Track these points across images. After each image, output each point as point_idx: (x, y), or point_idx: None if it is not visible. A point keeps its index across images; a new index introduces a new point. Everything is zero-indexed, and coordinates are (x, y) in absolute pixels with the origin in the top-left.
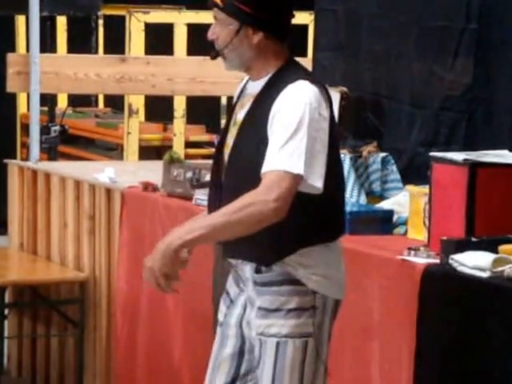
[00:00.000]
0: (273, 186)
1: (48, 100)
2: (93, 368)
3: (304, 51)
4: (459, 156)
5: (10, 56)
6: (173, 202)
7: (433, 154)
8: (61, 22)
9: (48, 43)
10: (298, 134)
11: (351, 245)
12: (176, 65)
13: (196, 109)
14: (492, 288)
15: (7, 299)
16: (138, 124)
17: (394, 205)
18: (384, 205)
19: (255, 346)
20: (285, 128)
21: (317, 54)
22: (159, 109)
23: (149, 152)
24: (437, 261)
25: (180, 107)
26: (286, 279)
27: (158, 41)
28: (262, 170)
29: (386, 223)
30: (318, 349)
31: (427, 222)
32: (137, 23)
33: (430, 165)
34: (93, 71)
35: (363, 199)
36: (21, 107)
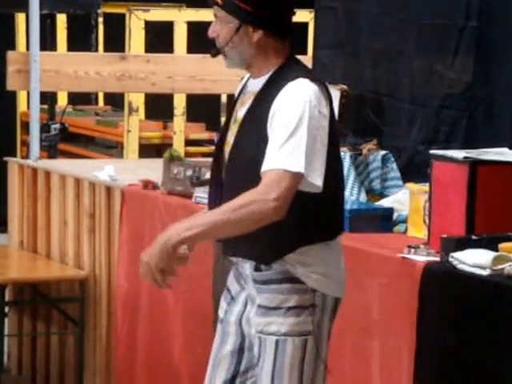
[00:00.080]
0: (273, 185)
1: (48, 98)
2: (93, 366)
3: (304, 49)
4: (459, 154)
5: (10, 54)
6: (173, 200)
7: (433, 152)
8: (61, 20)
9: (48, 41)
10: (298, 133)
11: (351, 243)
12: (176, 63)
13: (196, 107)
14: (492, 286)
15: (7, 297)
16: (138, 122)
17: (394, 203)
18: (384, 203)
19: (255, 344)
20: (285, 126)
21: (317, 52)
22: (159, 107)
23: (149, 150)
24: (437, 259)
25: (180, 105)
26: (286, 277)
27: (158, 39)
28: (262, 169)
29: (386, 221)
30: (318, 347)
31: (427, 220)
32: (137, 21)
33: (430, 163)
34: (93, 69)
35: (363, 197)
36: (21, 105)
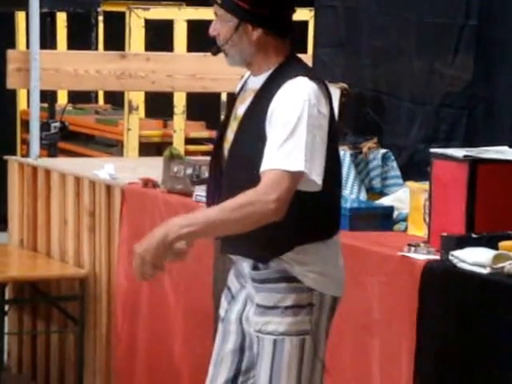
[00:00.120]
0: (273, 186)
1: (48, 96)
2: (93, 364)
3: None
4: (459, 152)
5: (10, 52)
6: (173, 199)
7: (433, 151)
8: (61, 19)
9: (48, 40)
10: (297, 132)
11: (351, 241)
12: (176, 61)
13: (196, 105)
14: (492, 284)
15: (7, 295)
16: (138, 120)
17: (394, 201)
18: (384, 201)
19: (254, 343)
20: (284, 126)
21: (317, 51)
22: (159, 105)
23: (149, 148)
24: (437, 257)
25: (180, 103)
26: (283, 276)
27: (158, 37)
28: (262, 168)
29: (386, 219)
30: (316, 346)
31: (427, 219)
32: (137, 19)
33: (430, 161)
34: (93, 68)
35: (363, 195)
36: (21, 104)
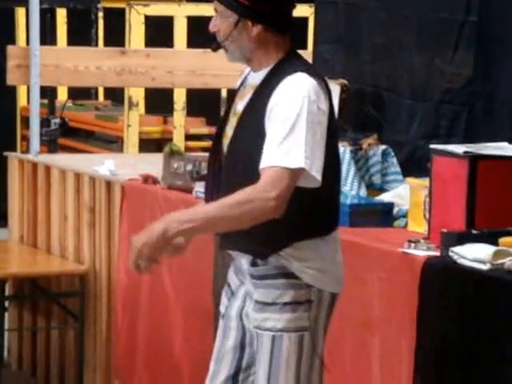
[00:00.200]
0: (273, 184)
1: (48, 93)
2: (93, 360)
3: (304, 44)
4: (459, 149)
5: (10, 49)
6: (173, 195)
7: (433, 147)
8: (61, 15)
9: (48, 36)
10: (297, 128)
11: (351, 237)
12: (176, 57)
13: (196, 101)
14: (492, 280)
15: (7, 292)
16: (138, 117)
17: (395, 197)
18: (384, 197)
19: (254, 339)
20: (283, 122)
21: (317, 47)
22: (159, 101)
23: (149, 145)
24: (437, 253)
25: (180, 100)
26: (281, 272)
27: (158, 33)
28: (261, 166)
29: (386, 216)
30: (314, 343)
31: (427, 215)
32: (137, 16)
33: (431, 157)
34: (93, 64)
35: (363, 192)
36: (21, 100)
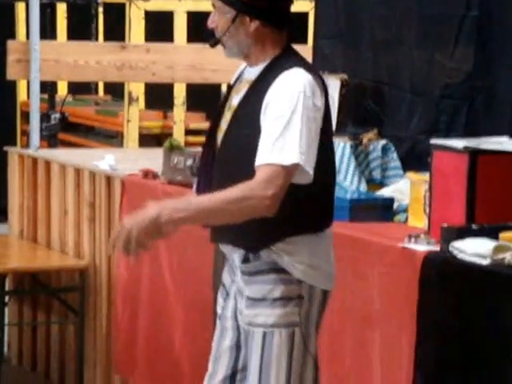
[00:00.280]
0: (269, 182)
1: (48, 87)
2: (93, 355)
3: (304, 39)
4: (460, 143)
5: (10, 43)
6: (173, 190)
7: (433, 142)
8: (61, 9)
9: (48, 30)
10: (292, 125)
11: (352, 232)
12: (176, 52)
13: (196, 96)
14: (492, 275)
15: (7, 287)
16: (138, 112)
17: (395, 192)
18: (384, 192)
19: (247, 338)
20: (278, 119)
21: (317, 42)
22: (159, 96)
23: (149, 140)
24: (437, 248)
25: (180, 95)
26: (272, 268)
27: (158, 29)
28: (257, 162)
29: (387, 210)
30: (306, 340)
31: (428, 210)
32: (137, 11)
33: (431, 152)
34: (93, 58)
35: (363, 187)
36: (21, 95)
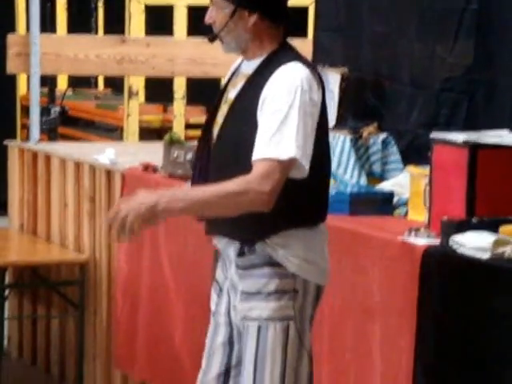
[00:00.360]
0: (266, 178)
1: (48, 81)
2: (93, 349)
3: (304, 32)
4: (460, 137)
5: (10, 37)
6: (173, 183)
7: (433, 135)
8: (61, 3)
9: (48, 24)
10: (289, 119)
11: (352, 226)
12: (176, 46)
13: (196, 90)
14: (492, 269)
15: (7, 280)
16: (138, 105)
17: (395, 186)
18: (384, 186)
19: (241, 334)
20: (275, 113)
21: (317, 35)
22: (159, 90)
23: (149, 133)
24: (437, 242)
25: (180, 88)
26: (267, 262)
27: (158, 22)
28: (254, 157)
29: (387, 204)
30: (301, 335)
31: (428, 203)
32: (137, 4)
33: (431, 146)
34: (93, 52)
35: (363, 180)
36: (21, 88)
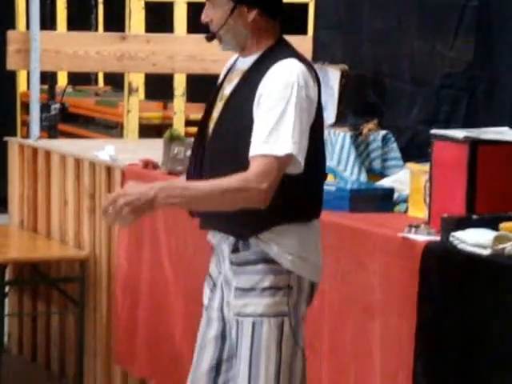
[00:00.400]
0: (264, 175)
1: (48, 78)
2: (93, 345)
3: (304, 29)
4: (460, 133)
5: (10, 33)
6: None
7: (433, 132)
8: (61, 0)
9: (48, 20)
10: (285, 116)
11: (352, 222)
12: (176, 43)
13: (196, 87)
14: (492, 265)
15: (7, 277)
16: (138, 102)
17: (395, 182)
18: (384, 182)
19: (232, 328)
20: (272, 109)
21: (317, 32)
22: (159, 87)
23: (149, 130)
24: (437, 238)
25: (180, 85)
26: (261, 258)
27: (158, 19)
28: (251, 153)
29: (387, 201)
30: (295, 331)
31: (428, 200)
32: (137, 1)
33: (431, 142)
34: (93, 49)
35: (364, 177)
36: (21, 85)
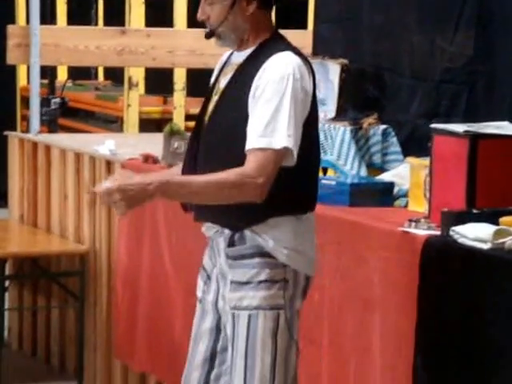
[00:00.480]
0: (261, 169)
1: (48, 72)
2: (93, 340)
3: (304, 23)
4: (460, 128)
5: (10, 28)
6: None
7: (433, 126)
8: None
9: (48, 15)
10: (281, 109)
11: (352, 217)
12: (176, 37)
13: (196, 81)
14: (493, 260)
15: (8, 271)
16: (138, 97)
17: (395, 177)
18: (384, 177)
19: (228, 322)
20: (268, 102)
21: (317, 26)
22: (159, 81)
23: (149, 125)
24: (437, 233)
25: (180, 80)
26: (257, 252)
27: (158, 13)
28: (247, 146)
29: (387, 195)
30: (290, 325)
31: (428, 194)
32: None
33: (431, 137)
34: (93, 43)
35: (364, 171)
36: (21, 80)
